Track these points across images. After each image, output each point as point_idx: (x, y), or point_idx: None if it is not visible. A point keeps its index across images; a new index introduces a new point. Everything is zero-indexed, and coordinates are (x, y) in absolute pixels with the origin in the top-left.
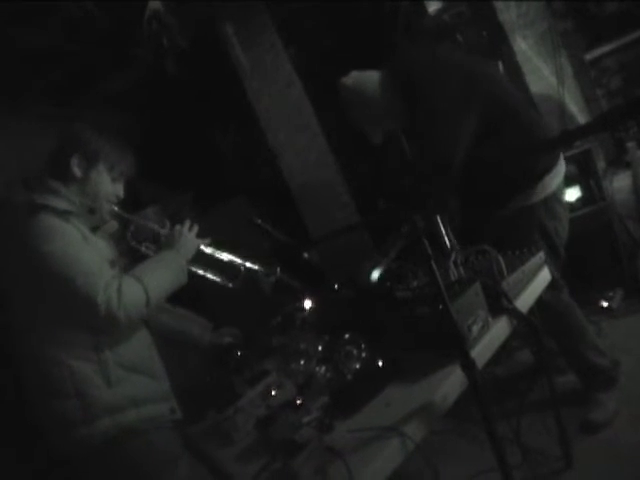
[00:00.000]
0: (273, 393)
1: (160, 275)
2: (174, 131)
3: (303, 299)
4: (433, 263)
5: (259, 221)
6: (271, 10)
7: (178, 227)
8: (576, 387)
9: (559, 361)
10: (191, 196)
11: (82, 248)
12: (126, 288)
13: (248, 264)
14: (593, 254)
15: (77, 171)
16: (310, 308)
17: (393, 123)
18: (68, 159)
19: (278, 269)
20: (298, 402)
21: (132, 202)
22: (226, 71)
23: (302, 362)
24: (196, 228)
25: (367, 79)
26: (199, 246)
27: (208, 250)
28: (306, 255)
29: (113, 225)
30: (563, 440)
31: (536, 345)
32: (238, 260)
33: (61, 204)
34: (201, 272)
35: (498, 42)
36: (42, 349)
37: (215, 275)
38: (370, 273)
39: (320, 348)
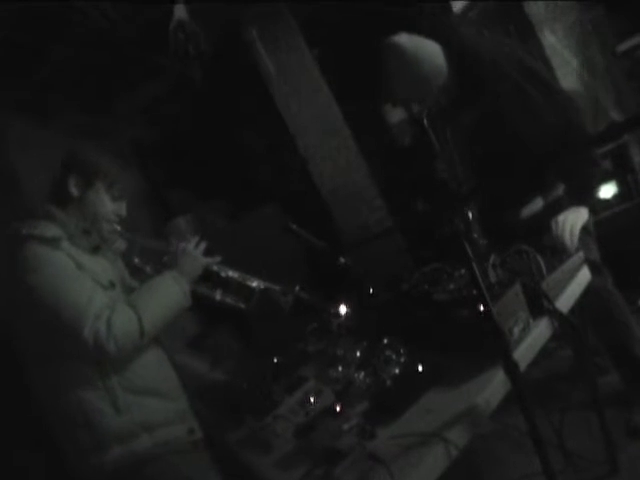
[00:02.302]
0: (312, 400)
1: (157, 301)
2: (204, 139)
3: (334, 308)
4: (475, 265)
5: (294, 226)
6: (294, 12)
7: (182, 245)
8: (620, 388)
9: (600, 361)
10: (223, 204)
11: (71, 277)
12: (117, 318)
13: (263, 284)
14: (630, 252)
15: (74, 191)
16: (346, 313)
17: (443, 97)
18: (66, 179)
19: (297, 287)
20: (337, 409)
21: (164, 212)
22: (253, 76)
23: (340, 368)
24: (203, 246)
25: (433, 48)
26: (206, 265)
27: (217, 269)
28: (343, 260)
29: (121, 244)
30: (608, 444)
31: (577, 346)
32: (252, 280)
33: (49, 231)
34: (212, 294)
35: (526, 37)
36: (47, 379)
37: (227, 297)
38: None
39: (358, 354)
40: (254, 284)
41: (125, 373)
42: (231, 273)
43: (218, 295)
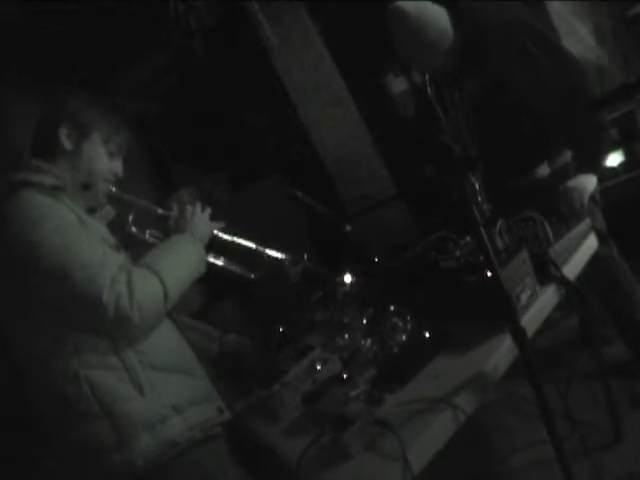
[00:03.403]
0: (318, 368)
1: (177, 263)
2: (206, 111)
3: (339, 276)
4: (482, 230)
5: (300, 194)
6: None
7: (190, 207)
8: (625, 357)
9: (606, 331)
10: (225, 175)
11: (79, 233)
12: (138, 280)
13: (274, 253)
14: (636, 220)
15: (67, 143)
16: (351, 282)
17: (449, 62)
18: (55, 129)
19: (305, 256)
20: (344, 376)
21: (166, 185)
22: (255, 48)
23: (346, 336)
24: (209, 211)
25: (438, 12)
26: (213, 231)
27: (225, 236)
28: (348, 228)
29: (110, 211)
30: (612, 412)
31: (584, 314)
32: (260, 248)
33: (49, 180)
34: (219, 262)
35: (532, 3)
36: (49, 361)
37: (235, 266)
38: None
39: (365, 321)
40: (265, 253)
41: (143, 347)
42: (241, 241)
43: (225, 263)
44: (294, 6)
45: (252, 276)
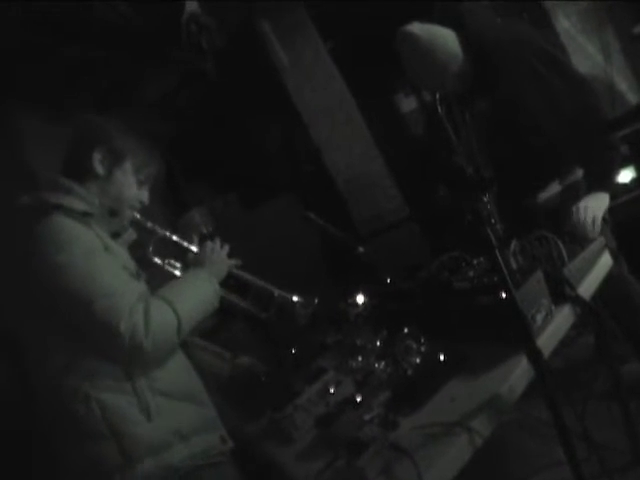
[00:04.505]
0: (331, 391)
1: (192, 298)
2: (217, 131)
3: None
4: (497, 252)
5: (312, 215)
6: (307, 4)
7: (210, 243)
8: None
9: (622, 349)
10: (236, 196)
11: (104, 261)
12: (155, 311)
13: (284, 294)
14: None
15: (99, 168)
16: (364, 303)
17: (459, 84)
18: (90, 152)
19: (316, 300)
20: (358, 399)
21: (178, 205)
22: (266, 69)
23: (360, 358)
24: (227, 248)
25: (447, 35)
26: (231, 267)
27: (241, 273)
28: (361, 249)
29: (131, 234)
30: (631, 433)
31: (600, 333)
32: (272, 289)
33: (79, 205)
34: (233, 299)
35: (540, 22)
36: (62, 381)
37: (247, 303)
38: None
39: (378, 343)
40: (275, 293)
41: (154, 374)
42: (253, 279)
43: (237, 301)
44: (305, 26)
45: (262, 315)
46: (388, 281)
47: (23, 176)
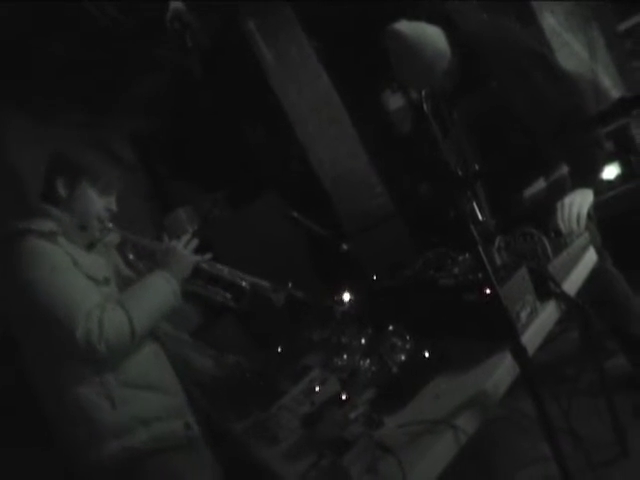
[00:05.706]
0: (317, 389)
1: (149, 302)
2: (203, 130)
3: (337, 296)
4: (481, 248)
5: (295, 214)
6: (292, 3)
7: (173, 243)
8: (627, 370)
9: (607, 343)
10: (222, 194)
11: (67, 274)
12: (108, 319)
13: (252, 281)
14: (634, 233)
15: (62, 191)
16: (349, 301)
17: (447, 81)
18: (54, 181)
19: (289, 284)
20: (343, 397)
21: (163, 204)
22: (251, 67)
23: (345, 356)
24: (194, 243)
25: (435, 33)
26: (196, 263)
27: (207, 267)
28: (345, 247)
29: (115, 237)
30: (616, 427)
31: (585, 328)
32: (241, 277)
33: (46, 226)
34: (201, 291)
35: (525, 19)
36: (45, 376)
37: (218, 294)
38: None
39: (363, 341)
40: (243, 283)
41: (121, 367)
42: (221, 271)
43: (208, 292)
44: (290, 24)
45: (233, 305)
46: (374, 278)
47: (6, 177)
